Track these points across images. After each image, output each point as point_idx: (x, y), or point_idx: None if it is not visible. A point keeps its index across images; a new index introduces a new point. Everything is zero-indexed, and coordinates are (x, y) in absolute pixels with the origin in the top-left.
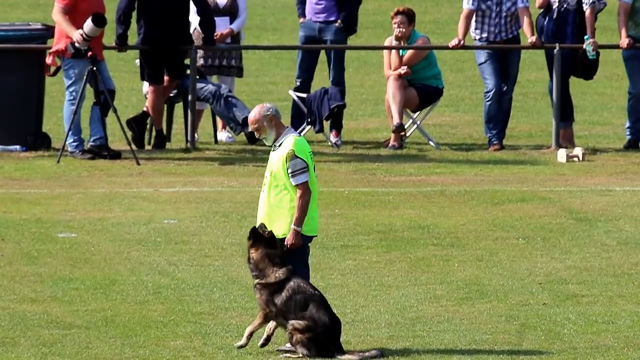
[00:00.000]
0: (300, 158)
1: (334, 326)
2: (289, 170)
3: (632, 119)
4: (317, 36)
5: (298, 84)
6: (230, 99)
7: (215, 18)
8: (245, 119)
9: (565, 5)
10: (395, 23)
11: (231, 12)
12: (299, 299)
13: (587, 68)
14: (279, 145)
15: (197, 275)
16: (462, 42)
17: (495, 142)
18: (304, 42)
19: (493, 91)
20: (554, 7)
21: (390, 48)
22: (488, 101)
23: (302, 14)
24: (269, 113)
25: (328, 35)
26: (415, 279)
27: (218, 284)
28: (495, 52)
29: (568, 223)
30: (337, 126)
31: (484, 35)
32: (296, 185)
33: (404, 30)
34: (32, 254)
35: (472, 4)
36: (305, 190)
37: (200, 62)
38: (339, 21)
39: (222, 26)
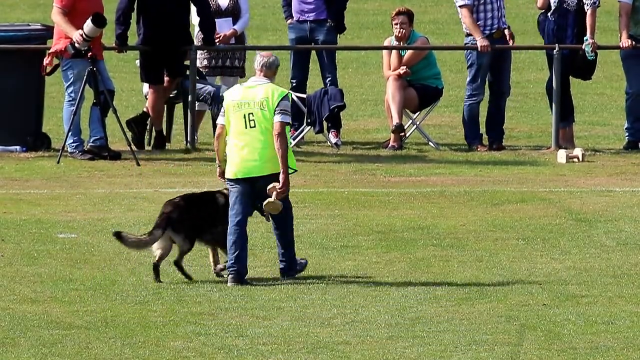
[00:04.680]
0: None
1: None
2: None
3: (630, 120)
4: (307, 36)
5: (294, 84)
6: None
7: (218, 19)
8: None
9: (565, 6)
10: (397, 23)
11: (234, 13)
12: None
13: (585, 68)
14: None
15: (197, 275)
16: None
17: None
18: (295, 43)
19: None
20: (553, 7)
21: (389, 48)
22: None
23: (290, 16)
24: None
25: (319, 35)
26: (415, 279)
27: (218, 284)
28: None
29: (568, 224)
30: (336, 126)
31: (483, 27)
32: None
33: (405, 31)
34: (32, 254)
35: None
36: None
37: (204, 63)
38: (329, 20)
39: (225, 27)
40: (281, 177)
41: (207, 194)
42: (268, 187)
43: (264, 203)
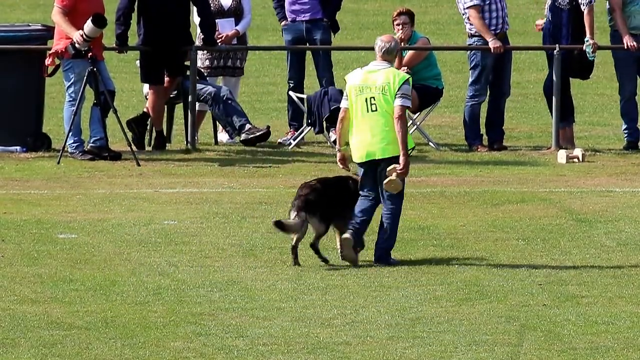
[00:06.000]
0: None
1: None
2: None
3: (626, 120)
4: (304, 37)
5: (291, 84)
6: (229, 102)
7: (221, 20)
8: (242, 126)
9: (557, 4)
10: (399, 24)
11: (236, 13)
12: None
13: (584, 68)
14: None
15: (197, 276)
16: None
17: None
18: (291, 44)
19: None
20: (546, 5)
21: None
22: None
23: (284, 17)
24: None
25: (316, 35)
26: (415, 279)
27: (218, 284)
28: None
29: (568, 224)
30: (335, 127)
31: (488, 27)
32: None
33: (407, 31)
34: (32, 255)
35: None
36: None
37: (206, 63)
38: (324, 19)
39: (228, 27)
40: (401, 158)
41: (341, 179)
42: (388, 168)
43: (385, 182)
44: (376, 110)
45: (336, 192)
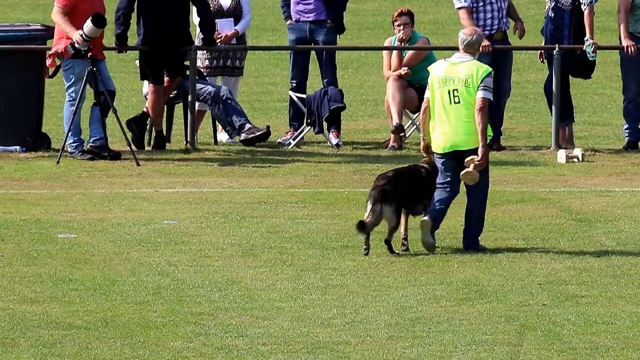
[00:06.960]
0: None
1: None
2: None
3: (628, 121)
4: (307, 37)
5: (294, 84)
6: (229, 102)
7: (220, 20)
8: (242, 125)
9: (559, 6)
10: (399, 25)
11: (235, 13)
12: None
13: (585, 67)
14: None
15: (197, 275)
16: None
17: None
18: (295, 44)
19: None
20: (548, 6)
21: (389, 48)
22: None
23: (289, 16)
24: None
25: (319, 36)
26: (415, 279)
27: (218, 284)
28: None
29: (567, 224)
30: (335, 127)
31: (483, 27)
32: None
33: (408, 31)
34: (31, 254)
35: (465, 1)
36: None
37: (206, 63)
38: (328, 21)
39: (227, 27)
40: (480, 150)
41: (414, 168)
42: (467, 159)
43: (462, 173)
44: (459, 102)
45: (411, 182)
